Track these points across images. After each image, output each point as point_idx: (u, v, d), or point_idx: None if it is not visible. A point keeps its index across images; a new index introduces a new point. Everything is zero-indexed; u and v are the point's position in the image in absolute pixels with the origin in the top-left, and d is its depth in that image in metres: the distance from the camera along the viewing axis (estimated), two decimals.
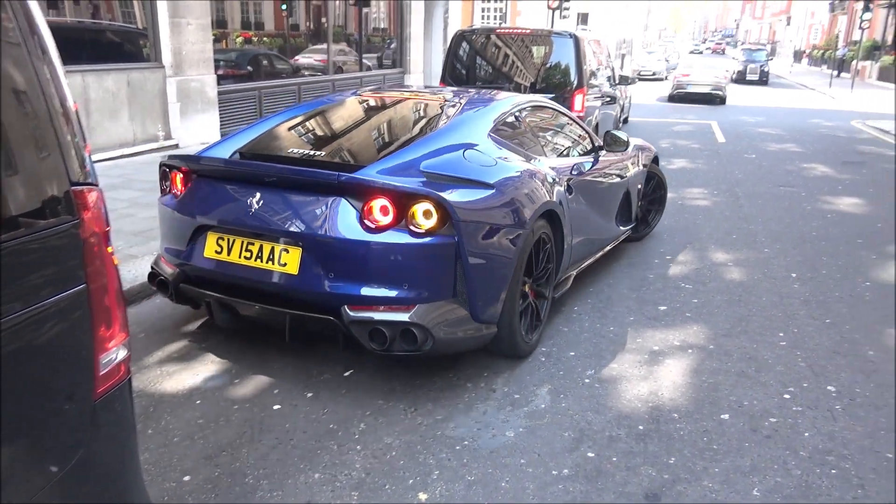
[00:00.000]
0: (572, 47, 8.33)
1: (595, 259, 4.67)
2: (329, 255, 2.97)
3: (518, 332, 3.39)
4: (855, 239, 6.09)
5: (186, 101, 8.85)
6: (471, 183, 3.19)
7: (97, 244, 1.33)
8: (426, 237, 2.93)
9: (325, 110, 4.27)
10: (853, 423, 3.01)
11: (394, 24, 15.58)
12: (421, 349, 2.96)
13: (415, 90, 4.73)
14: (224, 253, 3.17)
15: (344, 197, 2.99)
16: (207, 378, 3.27)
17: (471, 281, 3.04)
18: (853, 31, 37.14)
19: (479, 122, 3.79)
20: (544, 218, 3.57)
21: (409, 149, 3.39)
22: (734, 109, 18.89)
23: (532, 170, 3.63)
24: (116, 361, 1.39)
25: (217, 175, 3.35)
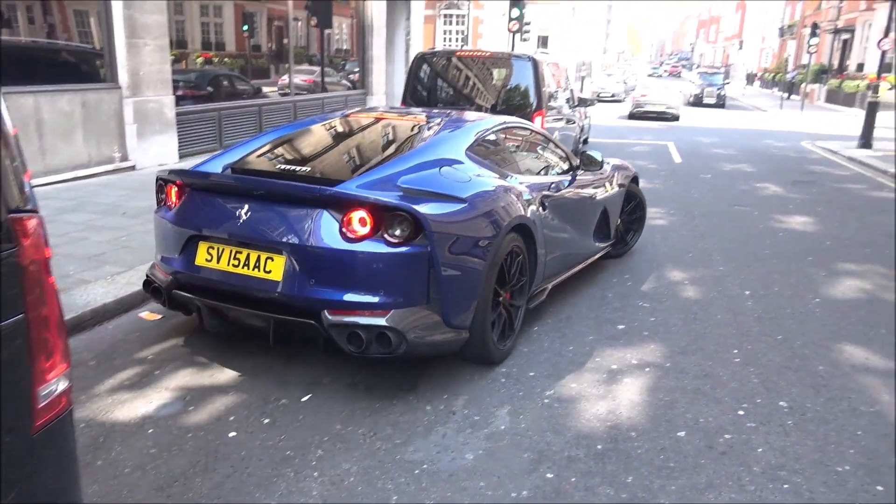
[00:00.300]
0: (531, 70, 8.46)
1: (572, 273, 4.85)
2: (311, 263, 3.16)
3: (489, 338, 3.56)
4: (805, 256, 6.26)
5: (144, 123, 8.72)
6: (444, 197, 3.38)
7: (37, 272, 1.30)
8: (401, 247, 3.13)
9: (312, 129, 4.52)
10: (804, 438, 3.07)
11: (356, 45, 15.65)
12: (395, 352, 3.15)
13: (399, 111, 5.02)
14: (214, 261, 3.38)
15: (325, 209, 3.20)
16: (161, 405, 3.19)
17: (443, 288, 3.23)
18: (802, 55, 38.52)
19: (456, 141, 4.00)
20: (517, 232, 3.76)
21: (388, 165, 3.61)
22: (690, 130, 19.37)
23: (506, 186, 3.82)
24: (57, 393, 1.35)
25: (209, 188, 3.57)
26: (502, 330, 3.73)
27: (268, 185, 3.41)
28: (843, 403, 3.42)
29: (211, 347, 3.82)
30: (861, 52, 31.90)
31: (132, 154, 8.64)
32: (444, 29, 31.92)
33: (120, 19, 8.22)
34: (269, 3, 12.57)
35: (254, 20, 12.39)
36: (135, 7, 8.37)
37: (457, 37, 31.45)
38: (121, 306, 4.31)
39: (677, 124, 21.46)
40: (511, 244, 3.69)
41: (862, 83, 28.13)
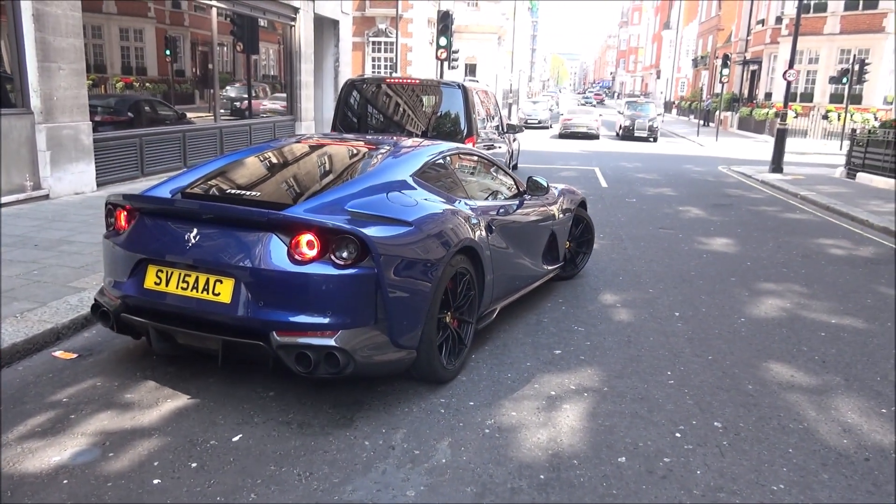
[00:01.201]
0: (461, 97, 8.54)
1: (521, 294, 4.94)
2: (259, 285, 3.20)
3: (437, 357, 3.62)
4: (729, 277, 6.49)
5: (58, 150, 8.29)
6: (391, 220, 3.46)
7: None
8: (348, 269, 3.18)
9: (264, 154, 4.54)
10: (740, 458, 3.12)
11: (284, 71, 15.46)
12: (343, 372, 3.19)
13: (351, 138, 5.12)
14: (163, 284, 3.40)
15: (274, 232, 3.23)
16: (76, 453, 2.96)
17: (390, 309, 3.29)
18: (715, 85, 40.51)
19: (404, 166, 4.08)
20: (464, 254, 3.85)
21: (336, 189, 3.67)
22: (614, 156, 19.99)
23: (452, 210, 3.91)
24: None
25: (159, 213, 3.58)
26: (450, 349, 3.80)
27: (217, 209, 3.47)
28: (773, 422, 3.50)
29: (132, 387, 3.59)
30: (768, 81, 33.85)
31: (45, 182, 8.19)
32: (372, 56, 32.01)
33: (31, 42, 7.83)
34: (193, 28, 12.28)
35: (177, 45, 12.06)
36: (48, 29, 7.99)
37: (386, 63, 31.59)
38: (32, 345, 4.01)
39: (602, 150, 22.15)
40: (458, 266, 3.76)
41: (770, 111, 29.83)
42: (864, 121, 25.73)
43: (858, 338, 4.87)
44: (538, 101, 36.29)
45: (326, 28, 17.33)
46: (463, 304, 3.92)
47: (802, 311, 5.47)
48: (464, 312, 3.95)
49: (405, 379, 3.73)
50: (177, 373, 3.77)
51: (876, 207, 11.01)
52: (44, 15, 7.93)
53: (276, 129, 14.42)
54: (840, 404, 3.76)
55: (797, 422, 3.51)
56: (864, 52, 28.13)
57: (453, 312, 3.84)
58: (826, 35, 30.07)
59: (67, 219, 7.25)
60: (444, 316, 3.74)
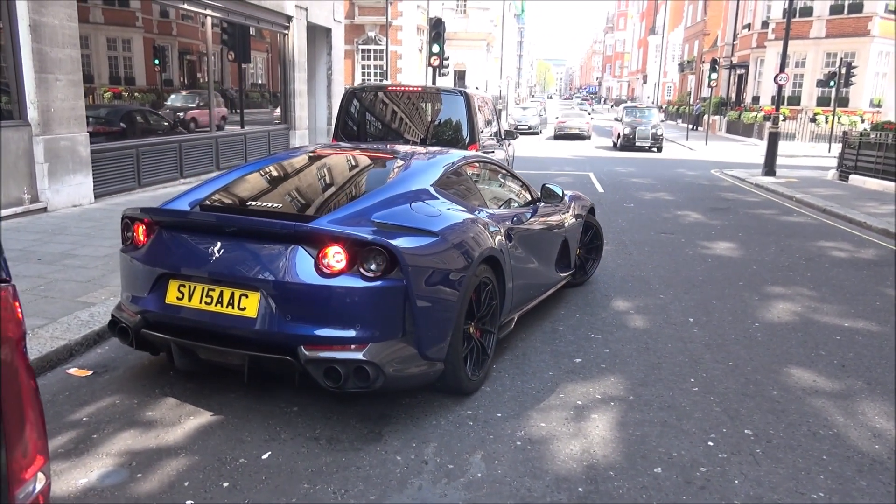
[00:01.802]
0: (463, 104, 8.52)
1: (537, 303, 4.93)
2: (286, 298, 3.15)
3: (462, 368, 3.58)
4: (737, 281, 6.49)
5: (56, 162, 8.18)
6: (417, 231, 3.43)
7: (11, 355, 1.10)
8: (377, 281, 3.14)
9: (281, 165, 4.50)
10: (775, 467, 3.10)
11: (274, 80, 15.38)
12: (372, 386, 3.14)
13: (366, 147, 5.11)
14: (185, 299, 3.34)
15: (300, 245, 3.20)
16: (103, 474, 2.89)
17: (418, 321, 3.26)
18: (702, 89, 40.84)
19: (424, 175, 4.05)
20: (486, 263, 3.82)
21: (360, 200, 3.63)
22: (607, 161, 20.06)
23: (474, 219, 3.88)
24: (35, 493, 1.14)
25: (179, 226, 3.53)
26: (475, 360, 3.77)
27: (241, 221, 3.43)
28: (803, 428, 3.49)
29: (152, 405, 3.52)
30: (755, 85, 34.15)
31: (43, 195, 8.08)
32: (362, 64, 31.99)
33: (28, 53, 7.73)
34: (181, 37, 12.18)
35: (165, 54, 11.96)
36: (44, 41, 7.90)
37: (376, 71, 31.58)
38: (45, 363, 3.93)
39: (595, 155, 22.25)
40: (482, 275, 3.75)
41: (759, 115, 30.07)
42: (851, 123, 26.00)
43: (874, 341, 4.88)
44: (528, 107, 36.41)
45: (319, 36, 17.29)
46: (486, 314, 3.89)
47: (814, 315, 5.47)
48: (486, 322, 3.93)
49: (429, 391, 3.68)
50: (197, 389, 3.70)
51: (872, 209, 11.09)
52: (41, 26, 7.84)
53: (270, 138, 14.35)
54: (866, 409, 3.75)
55: (827, 427, 3.50)
56: (850, 55, 28.44)
57: (476, 322, 3.81)
58: (812, 39, 30.41)
59: (68, 232, 7.15)
60: (469, 327, 3.71)
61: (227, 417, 3.40)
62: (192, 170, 11.28)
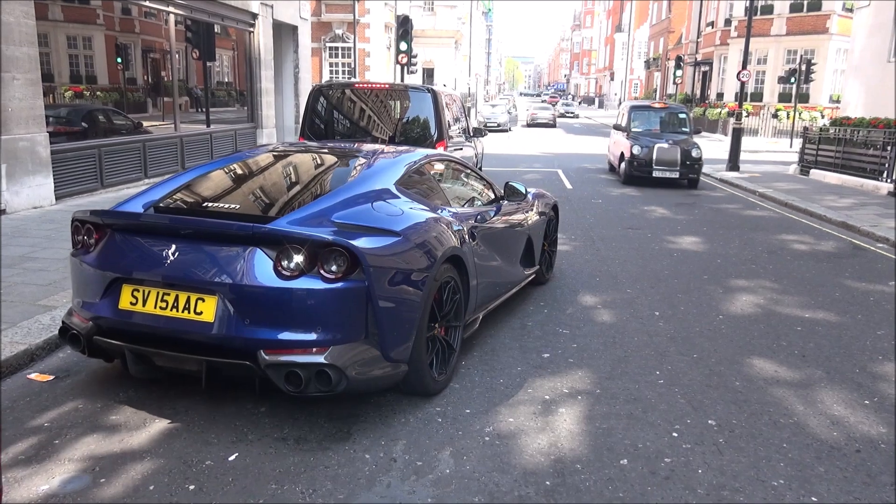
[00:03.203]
0: (431, 101, 8.52)
1: (502, 301, 4.91)
2: (244, 302, 3.07)
3: (427, 370, 3.54)
4: (701, 275, 6.60)
5: (14, 163, 7.99)
6: (379, 231, 3.37)
7: None
8: (338, 282, 3.08)
9: (240, 164, 4.38)
10: (737, 455, 3.16)
11: (241, 78, 15.21)
12: (335, 390, 3.08)
13: (328, 146, 4.99)
14: (139, 304, 3.23)
15: (258, 247, 3.12)
16: (65, 480, 2.83)
17: (381, 322, 3.21)
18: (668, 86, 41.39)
19: (386, 174, 3.99)
20: (450, 262, 3.78)
21: (321, 200, 3.56)
22: (574, 157, 20.22)
23: (437, 218, 3.84)
24: None
25: (132, 228, 3.42)
26: (440, 361, 3.74)
27: (197, 223, 3.30)
28: (764, 417, 3.57)
29: (116, 409, 3.46)
30: (719, 82, 34.72)
31: (2, 197, 7.87)
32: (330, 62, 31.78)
33: None
34: (144, 35, 11.98)
35: (128, 52, 11.75)
36: (0, 38, 7.69)
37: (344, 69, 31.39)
38: (5, 368, 3.83)
39: (563, 151, 22.38)
40: (445, 275, 3.71)
41: (723, 111, 30.58)
42: (811, 119, 26.58)
43: (833, 331, 5.01)
44: (497, 105, 36.50)
45: (285, 34, 17.13)
46: (450, 312, 3.86)
47: (776, 307, 5.59)
48: (451, 319, 3.90)
49: (398, 389, 3.68)
50: (162, 392, 3.65)
51: (831, 203, 11.37)
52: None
53: (237, 137, 14.18)
54: (825, 397, 3.85)
55: (787, 416, 3.58)
56: (810, 52, 29.11)
57: (441, 321, 3.77)
58: (773, 36, 31.03)
59: (28, 234, 6.99)
60: (434, 328, 3.68)
61: (193, 420, 3.36)
62: (157, 169, 11.10)
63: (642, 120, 15.02)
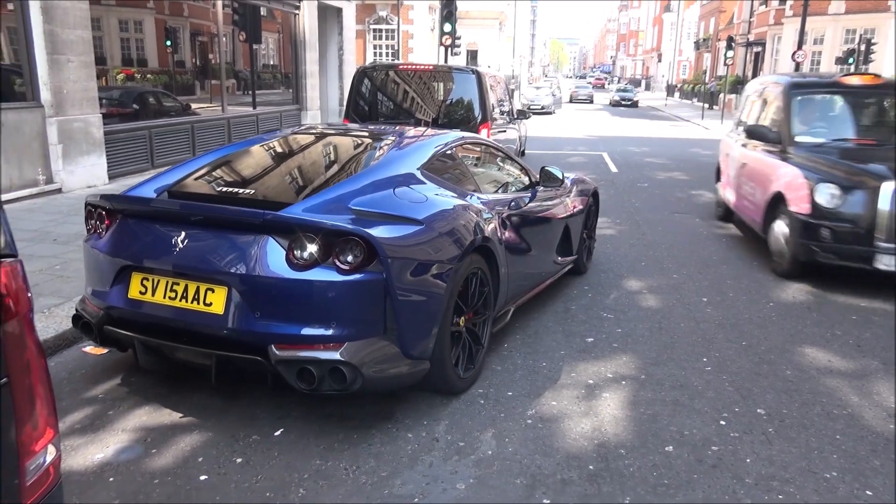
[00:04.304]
0: (475, 83, 8.46)
1: (536, 293, 4.68)
2: (255, 293, 2.92)
3: (450, 367, 3.36)
4: (751, 261, 6.43)
5: (69, 143, 8.22)
6: (400, 219, 3.17)
7: (20, 329, 1.11)
8: (353, 274, 2.90)
9: (256, 148, 4.20)
10: (788, 446, 3.08)
11: (286, 60, 15.33)
12: (350, 388, 2.92)
13: (349, 128, 4.73)
14: (149, 293, 3.10)
15: (270, 235, 2.96)
16: (119, 450, 2.93)
17: (400, 317, 3.02)
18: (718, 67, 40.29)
19: (411, 158, 3.79)
20: (478, 253, 3.58)
21: (339, 186, 3.37)
22: (621, 140, 19.87)
23: (465, 205, 3.63)
24: (45, 465, 1.15)
25: (143, 214, 3.29)
26: (466, 357, 3.53)
27: (206, 210, 3.14)
28: (816, 408, 3.46)
29: (167, 382, 3.55)
30: (772, 63, 33.62)
31: (58, 176, 8.13)
32: (373, 43, 31.79)
33: (40, 35, 7.74)
34: (192, 18, 12.15)
35: (177, 35, 11.95)
36: (56, 22, 7.90)
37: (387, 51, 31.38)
38: (62, 341, 3.98)
39: (608, 134, 22.03)
40: (473, 266, 3.51)
41: None
42: None
43: (890, 321, 4.83)
44: (541, 87, 36.08)
45: (330, 16, 17.19)
46: (477, 305, 3.64)
47: (831, 295, 5.42)
48: (479, 313, 3.68)
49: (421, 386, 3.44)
50: None
51: None
52: (52, 7, 7.83)
53: (282, 118, 14.33)
54: (881, 389, 3.72)
55: (841, 407, 3.48)
56: (870, 31, 27.86)
57: (467, 315, 3.54)
58: (831, 15, 29.82)
59: (82, 212, 7.18)
60: (458, 321, 3.46)
61: (240, 395, 3.43)
62: (205, 150, 11.30)
63: (821, 116, 6.94)
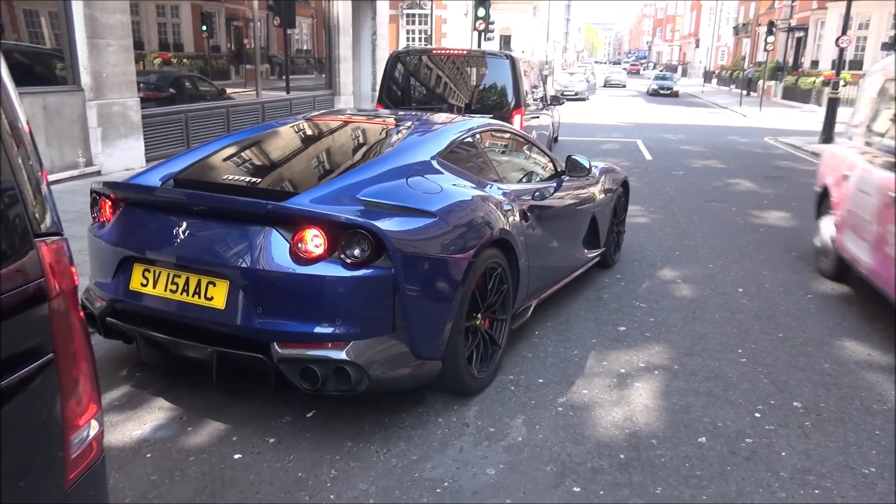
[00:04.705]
0: (509, 68, 8.38)
1: (559, 287, 4.51)
2: (257, 288, 2.80)
3: (464, 367, 3.19)
4: (789, 252, 6.30)
5: (108, 126, 8.38)
6: (411, 211, 3.01)
7: (65, 306, 1.13)
8: (360, 269, 2.75)
9: (269, 135, 4.06)
10: (825, 440, 3.03)
11: (319, 45, 15.37)
12: (355, 389, 2.79)
13: (365, 114, 4.56)
14: (150, 286, 3.00)
15: (274, 227, 2.82)
16: (156, 427, 2.99)
17: (410, 315, 2.87)
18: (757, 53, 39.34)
19: (427, 146, 3.62)
20: (496, 247, 3.40)
21: (349, 175, 3.22)
22: (656, 127, 19.58)
23: (483, 196, 3.47)
24: (89, 439, 1.18)
25: (145, 203, 3.18)
26: (481, 357, 3.37)
27: (208, 199, 3.02)
28: (855, 402, 3.39)
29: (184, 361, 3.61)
30: (815, 49, 32.73)
31: (97, 159, 8.30)
32: (407, 29, 31.74)
33: (81, 19, 7.88)
34: (228, 3, 12.24)
35: (212, 20, 12.05)
36: (95, 6, 8.03)
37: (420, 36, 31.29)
38: None
39: (643, 121, 21.74)
40: (490, 261, 3.32)
41: (817, 79, 28.86)
42: None
43: None
44: (574, 73, 35.67)
45: (363, 1, 17.17)
46: (495, 302, 3.46)
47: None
48: (496, 311, 3.51)
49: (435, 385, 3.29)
50: None
51: None
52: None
53: (315, 103, 14.40)
54: None
55: (881, 402, 3.39)
56: None
57: (484, 313, 3.38)
58: None
59: None
60: (474, 319, 3.30)
61: None
62: None
63: None
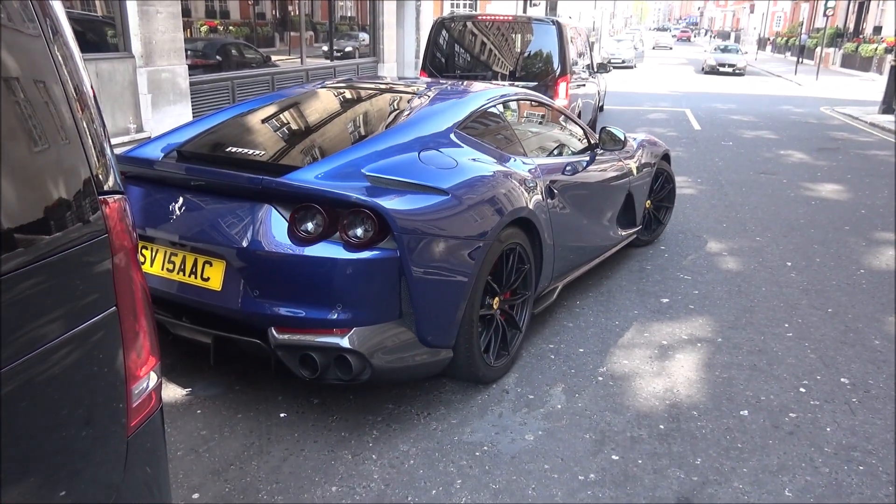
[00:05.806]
0: (555, 35, 8.23)
1: (588, 268, 4.30)
2: (253, 269, 2.64)
3: (478, 355, 3.01)
4: (842, 226, 6.12)
5: (158, 93, 8.54)
6: (421, 188, 2.80)
7: (126, 262, 1.18)
8: (363, 251, 2.57)
9: (281, 104, 3.85)
10: (872, 417, 2.97)
11: (363, 12, 15.30)
12: (357, 378, 2.64)
13: (387, 82, 4.30)
14: (148, 263, 2.87)
15: (272, 204, 2.65)
16: (205, 386, 3.10)
17: (417, 300, 2.67)
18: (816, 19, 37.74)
19: (444, 117, 3.39)
20: (516, 226, 3.19)
21: (356, 148, 3.01)
22: (705, 97, 19.05)
23: (505, 172, 3.24)
24: (148, 390, 1.24)
25: (142, 177, 3.00)
26: (499, 343, 3.19)
27: (205, 173, 2.85)
28: None
29: None
30: (878, 14, 31.22)
31: (147, 125, 8.47)
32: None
33: None
34: None
35: None
36: None
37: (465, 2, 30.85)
38: None
39: (692, 90, 21.15)
40: (509, 241, 3.11)
41: (880, 47, 27.59)
42: None
43: None
44: (622, 40, 34.78)
45: None
46: (514, 285, 3.27)
47: None
48: (516, 293, 3.33)
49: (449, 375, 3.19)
50: None
51: None
52: None
53: (359, 70, 14.40)
54: None
55: None
56: None
57: (501, 297, 3.19)
58: None
59: None
60: (491, 303, 3.11)
61: None
62: None
63: None
